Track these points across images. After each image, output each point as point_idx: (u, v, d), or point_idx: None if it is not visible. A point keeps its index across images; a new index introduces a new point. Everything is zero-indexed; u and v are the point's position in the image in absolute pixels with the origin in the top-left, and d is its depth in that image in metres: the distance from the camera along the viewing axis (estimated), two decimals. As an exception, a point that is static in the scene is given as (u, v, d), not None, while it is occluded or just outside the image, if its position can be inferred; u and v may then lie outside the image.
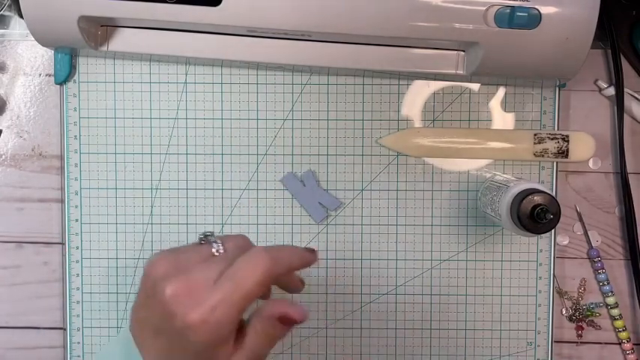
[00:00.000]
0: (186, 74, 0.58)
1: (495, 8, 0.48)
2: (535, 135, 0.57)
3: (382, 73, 0.57)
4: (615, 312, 0.58)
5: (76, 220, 0.58)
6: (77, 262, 0.59)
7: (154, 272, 0.38)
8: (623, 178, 0.57)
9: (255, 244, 0.58)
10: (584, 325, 0.59)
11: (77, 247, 0.59)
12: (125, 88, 0.58)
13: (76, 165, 0.58)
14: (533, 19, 0.48)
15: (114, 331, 0.59)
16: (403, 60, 0.53)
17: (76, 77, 0.58)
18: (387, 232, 0.58)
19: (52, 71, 0.58)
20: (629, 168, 0.57)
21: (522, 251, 0.58)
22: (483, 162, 0.58)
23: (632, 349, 0.58)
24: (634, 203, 0.57)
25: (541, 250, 0.58)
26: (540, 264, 0.58)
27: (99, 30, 0.53)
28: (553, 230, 0.57)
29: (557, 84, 0.57)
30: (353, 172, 0.58)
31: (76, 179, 0.58)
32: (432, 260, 0.58)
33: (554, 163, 0.58)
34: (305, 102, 0.58)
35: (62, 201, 0.59)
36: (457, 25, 0.49)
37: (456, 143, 0.57)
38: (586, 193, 0.58)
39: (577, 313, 0.58)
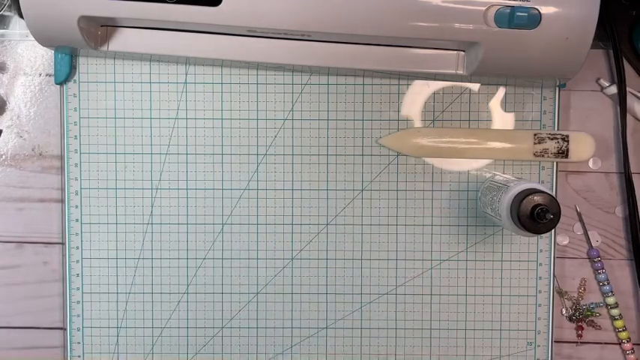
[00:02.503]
0: (186, 74, 0.58)
1: (495, 8, 0.48)
2: (535, 135, 0.57)
3: (382, 73, 0.57)
4: (615, 312, 0.58)
5: (76, 220, 0.58)
6: (77, 262, 0.59)
7: None
8: (626, 177, 0.57)
9: (255, 244, 0.59)
10: (584, 325, 0.59)
11: (77, 247, 0.59)
12: (125, 88, 0.58)
13: (76, 165, 0.58)
14: (533, 19, 0.48)
15: (114, 331, 0.59)
16: (403, 60, 0.53)
17: (76, 77, 0.58)
18: (387, 232, 0.58)
19: (52, 71, 0.58)
20: (631, 167, 0.57)
21: (522, 251, 0.58)
22: (483, 162, 0.58)
23: (632, 349, 0.58)
24: (637, 203, 0.57)
25: (541, 250, 0.58)
26: (540, 264, 0.58)
27: (99, 30, 0.53)
28: (553, 230, 0.57)
29: (557, 84, 0.57)
30: (353, 172, 0.58)
31: (76, 179, 0.58)
32: (432, 260, 0.58)
33: (554, 163, 0.58)
34: (305, 102, 0.58)
35: (62, 201, 0.59)
36: (457, 25, 0.49)
37: (456, 143, 0.57)
38: (586, 193, 0.58)
39: (577, 313, 0.58)
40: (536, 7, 0.48)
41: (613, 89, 0.57)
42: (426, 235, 0.58)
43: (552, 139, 0.57)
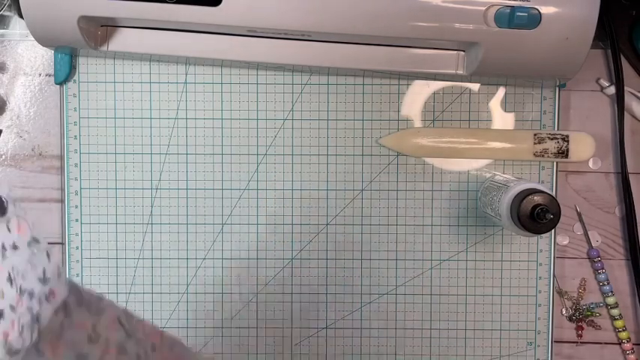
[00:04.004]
0: (186, 74, 0.58)
1: (495, 8, 0.48)
2: (535, 135, 0.57)
3: (382, 73, 0.57)
4: (615, 312, 0.58)
5: (76, 220, 0.58)
6: (77, 262, 0.59)
7: None
8: (623, 177, 0.57)
9: (255, 244, 0.59)
10: (584, 325, 0.59)
11: (77, 247, 0.59)
12: (125, 88, 0.58)
13: (76, 165, 0.58)
14: (533, 19, 0.48)
15: (114, 331, 0.59)
16: (403, 60, 0.53)
17: (76, 77, 0.58)
18: (387, 232, 0.58)
19: (52, 71, 0.58)
20: (630, 168, 0.57)
21: (522, 251, 0.58)
22: (483, 162, 0.58)
23: (632, 349, 0.58)
24: (634, 203, 0.57)
25: (541, 250, 0.58)
26: (540, 264, 0.58)
27: (99, 30, 0.53)
28: (553, 230, 0.57)
29: (557, 84, 0.57)
30: (353, 172, 0.58)
31: (76, 179, 0.58)
32: (432, 260, 0.58)
33: (554, 163, 0.58)
34: (305, 102, 0.58)
35: (62, 201, 0.59)
36: (457, 25, 0.49)
37: (456, 143, 0.57)
38: (586, 193, 0.58)
39: (577, 313, 0.58)
40: (536, 7, 0.48)
41: (613, 89, 0.57)
42: (426, 235, 0.58)
43: (552, 139, 0.57)
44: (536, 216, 0.47)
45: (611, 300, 0.58)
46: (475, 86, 0.57)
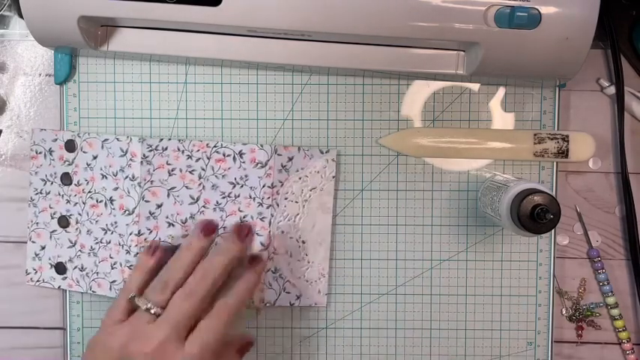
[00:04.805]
0: (186, 74, 0.58)
1: (495, 8, 0.48)
2: (535, 135, 0.57)
3: (382, 73, 0.57)
4: (615, 312, 0.58)
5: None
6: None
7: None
8: (623, 177, 0.57)
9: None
10: (584, 325, 0.59)
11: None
12: (125, 88, 0.58)
13: (76, 165, 0.58)
14: (533, 19, 0.48)
15: (114, 331, 0.59)
16: (403, 60, 0.53)
17: (76, 77, 0.58)
18: (387, 232, 0.58)
19: (52, 71, 0.58)
20: (630, 168, 0.57)
21: (522, 251, 0.58)
22: (483, 162, 0.58)
23: (632, 349, 0.58)
24: (634, 203, 0.57)
25: (541, 250, 0.58)
26: (540, 264, 0.58)
27: (99, 30, 0.53)
28: (553, 230, 0.57)
29: (557, 84, 0.57)
30: (353, 172, 0.58)
31: (76, 179, 0.58)
32: (432, 260, 0.58)
33: (554, 163, 0.58)
34: (305, 102, 0.58)
35: (62, 201, 0.59)
36: (457, 25, 0.49)
37: (456, 143, 0.57)
38: (586, 193, 0.58)
39: (577, 313, 0.59)
40: (536, 7, 0.48)
41: (613, 89, 0.57)
42: (426, 235, 0.58)
43: (552, 139, 0.57)
44: (536, 216, 0.47)
45: (611, 300, 0.58)
46: (475, 86, 0.57)
